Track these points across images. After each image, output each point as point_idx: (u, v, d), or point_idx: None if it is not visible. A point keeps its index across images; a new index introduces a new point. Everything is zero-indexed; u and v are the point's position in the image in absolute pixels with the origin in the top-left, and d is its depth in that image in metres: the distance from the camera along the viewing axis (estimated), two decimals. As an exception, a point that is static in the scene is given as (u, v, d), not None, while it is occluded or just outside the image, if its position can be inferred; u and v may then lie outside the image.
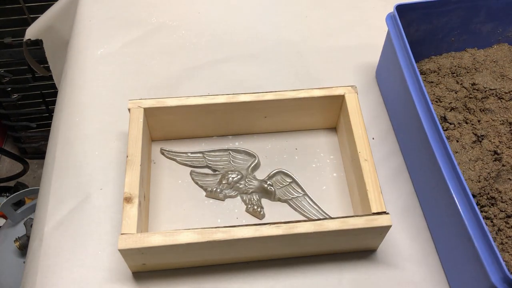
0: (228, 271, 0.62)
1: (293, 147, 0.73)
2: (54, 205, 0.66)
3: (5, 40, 1.31)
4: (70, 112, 0.76)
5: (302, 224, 0.57)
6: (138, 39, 0.86)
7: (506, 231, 0.61)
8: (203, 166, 0.71)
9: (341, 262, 0.63)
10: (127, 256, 0.57)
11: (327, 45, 0.86)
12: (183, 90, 0.79)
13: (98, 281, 0.60)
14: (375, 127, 0.75)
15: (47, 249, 0.63)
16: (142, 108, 0.66)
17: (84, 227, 0.64)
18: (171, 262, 0.60)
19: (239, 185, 0.69)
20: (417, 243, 0.65)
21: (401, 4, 0.70)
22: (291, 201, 0.68)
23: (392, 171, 0.71)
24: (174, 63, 0.83)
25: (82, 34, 0.86)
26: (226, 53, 0.85)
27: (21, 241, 1.16)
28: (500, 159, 0.67)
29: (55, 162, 0.70)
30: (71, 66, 0.82)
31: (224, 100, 0.68)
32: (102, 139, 0.72)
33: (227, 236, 0.56)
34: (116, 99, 0.77)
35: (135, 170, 0.61)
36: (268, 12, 0.92)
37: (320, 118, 0.73)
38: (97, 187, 0.68)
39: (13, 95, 1.44)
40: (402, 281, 0.62)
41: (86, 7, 0.90)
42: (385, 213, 0.58)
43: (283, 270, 0.62)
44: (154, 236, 0.55)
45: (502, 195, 0.64)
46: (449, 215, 0.59)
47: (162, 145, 0.73)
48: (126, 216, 0.57)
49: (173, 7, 0.91)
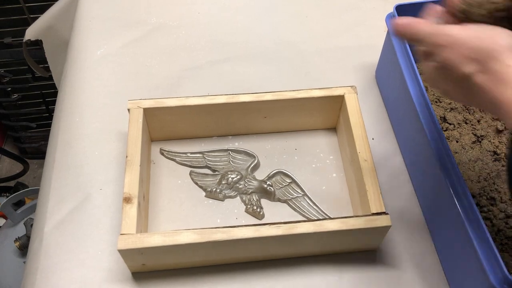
0: (228, 271, 0.62)
1: (292, 147, 0.73)
2: (54, 205, 0.66)
3: (5, 40, 1.31)
4: (70, 112, 0.76)
5: (302, 224, 0.57)
6: (138, 39, 0.86)
7: (506, 232, 0.61)
8: (203, 166, 0.71)
9: (341, 262, 0.63)
10: (126, 256, 0.57)
11: (327, 45, 0.86)
12: (183, 90, 0.79)
13: (98, 281, 0.60)
14: (375, 127, 0.75)
15: (47, 249, 0.63)
16: (142, 108, 0.66)
17: (84, 227, 0.64)
18: (171, 262, 0.60)
19: (238, 185, 0.69)
20: (417, 243, 0.65)
21: (401, 4, 0.70)
22: (291, 202, 0.68)
23: (392, 171, 0.71)
24: (174, 63, 0.83)
25: (82, 34, 0.86)
26: (226, 53, 0.85)
27: (21, 241, 1.16)
28: (500, 159, 0.67)
29: (55, 162, 0.70)
30: (71, 66, 0.82)
31: (224, 100, 0.68)
32: (102, 139, 0.72)
33: (227, 236, 0.56)
34: (116, 99, 0.77)
35: (134, 170, 0.61)
36: (268, 12, 0.92)
37: (320, 118, 0.73)
38: (97, 187, 0.68)
39: (13, 95, 1.44)
40: (402, 281, 0.62)
41: (86, 7, 0.89)
42: (385, 213, 0.58)
43: (283, 270, 0.62)
44: (153, 236, 0.55)
45: (502, 195, 0.64)
46: (448, 215, 0.59)
47: (162, 145, 0.72)
48: (126, 216, 0.57)
49: (173, 7, 0.91)
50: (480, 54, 0.41)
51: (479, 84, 0.41)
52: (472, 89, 0.43)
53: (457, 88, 0.45)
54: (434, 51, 0.44)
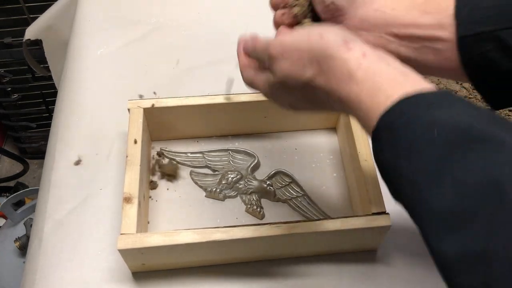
0: (228, 271, 0.62)
1: (292, 147, 0.73)
2: (54, 205, 0.66)
3: (5, 40, 1.31)
4: (70, 112, 0.76)
5: (302, 224, 0.57)
6: (138, 39, 0.86)
7: (506, 231, 0.61)
8: (203, 166, 0.71)
9: (341, 262, 0.63)
10: (126, 256, 0.57)
11: (327, 45, 0.86)
12: (183, 90, 0.79)
13: (98, 281, 0.60)
14: (375, 127, 0.75)
15: (47, 249, 0.63)
16: (142, 108, 0.66)
17: (84, 227, 0.64)
18: (171, 262, 0.60)
19: (238, 185, 0.69)
20: (417, 243, 0.65)
21: (401, 4, 0.70)
22: (291, 201, 0.68)
23: (392, 171, 0.71)
24: (174, 63, 0.83)
25: (82, 34, 0.86)
26: (226, 53, 0.85)
27: (21, 241, 1.16)
28: (500, 159, 0.67)
29: (55, 162, 0.70)
30: (71, 66, 0.82)
31: (224, 100, 0.68)
32: (102, 139, 0.72)
33: (227, 236, 0.56)
34: (116, 99, 0.77)
35: (134, 170, 0.61)
36: (268, 12, 0.92)
37: (320, 118, 0.73)
38: (97, 187, 0.68)
39: (13, 95, 1.44)
40: (402, 281, 0.62)
41: (86, 7, 0.89)
42: (385, 213, 0.58)
43: (283, 270, 0.62)
44: (153, 236, 0.55)
45: (502, 195, 0.64)
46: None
47: (162, 145, 0.72)
48: (126, 216, 0.57)
49: (173, 7, 0.91)
50: (314, 55, 0.39)
51: (321, 87, 0.39)
52: (317, 94, 0.41)
53: (302, 97, 0.43)
54: (271, 64, 0.42)
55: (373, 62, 0.37)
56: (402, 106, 0.34)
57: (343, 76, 0.37)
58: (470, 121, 0.31)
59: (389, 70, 0.37)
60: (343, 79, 0.37)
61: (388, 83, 0.35)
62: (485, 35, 0.39)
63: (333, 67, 0.38)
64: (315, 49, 0.39)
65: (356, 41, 0.39)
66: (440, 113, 0.32)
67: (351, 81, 0.37)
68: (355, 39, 0.39)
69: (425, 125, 0.32)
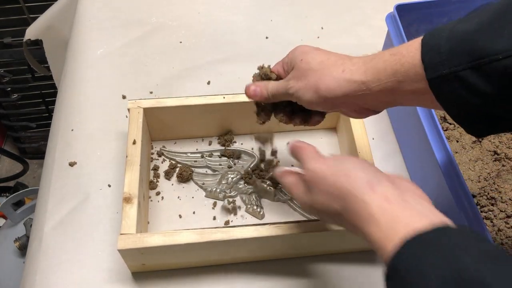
0: (228, 271, 0.62)
1: (293, 147, 0.73)
2: (54, 205, 0.66)
3: (5, 40, 1.31)
4: (70, 112, 0.76)
5: (302, 224, 0.57)
6: (138, 39, 0.86)
7: (506, 231, 0.61)
8: (203, 166, 0.71)
9: (341, 262, 0.63)
10: (126, 256, 0.57)
11: (327, 45, 0.86)
12: (183, 90, 0.79)
13: (98, 281, 0.60)
14: (375, 127, 0.75)
15: (47, 249, 0.63)
16: (142, 108, 0.66)
17: (84, 227, 0.64)
18: (171, 262, 0.60)
19: (238, 185, 0.69)
20: (417, 243, 0.65)
21: (401, 4, 0.70)
22: (291, 201, 0.68)
23: (392, 171, 0.71)
24: (174, 63, 0.83)
25: (82, 34, 0.86)
26: (226, 53, 0.85)
27: (21, 241, 1.15)
28: (500, 159, 0.67)
29: (55, 162, 0.70)
30: (71, 66, 0.82)
31: (223, 100, 0.68)
32: (102, 139, 0.72)
33: (227, 236, 0.56)
34: (116, 99, 0.77)
35: (134, 170, 0.61)
36: (268, 12, 0.92)
37: (320, 118, 0.73)
38: (97, 187, 0.68)
39: (13, 95, 1.44)
40: (402, 281, 0.62)
41: (85, 7, 0.89)
42: (385, 213, 0.58)
43: (283, 270, 0.62)
44: (153, 236, 0.55)
45: (502, 195, 0.64)
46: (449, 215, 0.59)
47: (162, 145, 0.72)
48: (126, 216, 0.57)
49: (173, 7, 0.91)
50: (340, 192, 0.43)
51: (348, 221, 0.43)
52: (343, 223, 0.44)
53: (333, 222, 0.46)
54: (308, 190, 0.46)
55: (395, 209, 0.39)
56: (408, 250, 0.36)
57: (364, 218, 0.40)
58: (467, 263, 0.33)
59: (406, 213, 0.39)
60: (364, 220, 0.40)
61: (405, 228, 0.37)
62: (449, 76, 0.41)
63: (356, 208, 0.41)
64: (340, 188, 0.43)
65: (380, 182, 0.42)
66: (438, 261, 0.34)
67: (373, 224, 0.40)
68: (379, 180, 0.42)
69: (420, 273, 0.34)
